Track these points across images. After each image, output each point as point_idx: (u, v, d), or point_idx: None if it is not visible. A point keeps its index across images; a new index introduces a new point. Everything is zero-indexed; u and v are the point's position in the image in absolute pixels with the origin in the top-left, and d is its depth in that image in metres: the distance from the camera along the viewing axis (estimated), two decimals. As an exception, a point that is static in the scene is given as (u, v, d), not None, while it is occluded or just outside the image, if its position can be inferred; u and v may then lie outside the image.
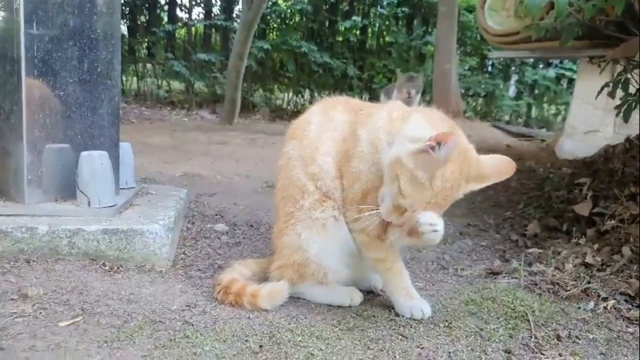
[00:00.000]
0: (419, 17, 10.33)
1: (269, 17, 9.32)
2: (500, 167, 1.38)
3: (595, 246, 2.04)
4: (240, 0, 9.64)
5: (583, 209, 2.35)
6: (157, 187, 2.52)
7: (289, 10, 9.60)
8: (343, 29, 9.73)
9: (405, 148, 1.32)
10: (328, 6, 9.79)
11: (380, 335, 1.40)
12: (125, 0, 8.99)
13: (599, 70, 2.70)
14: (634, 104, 2.28)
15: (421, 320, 1.50)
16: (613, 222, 2.13)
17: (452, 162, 1.29)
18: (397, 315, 1.52)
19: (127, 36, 9.10)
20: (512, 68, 11.11)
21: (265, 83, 9.54)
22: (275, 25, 9.72)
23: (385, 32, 9.93)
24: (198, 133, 6.00)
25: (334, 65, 9.12)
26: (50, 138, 1.95)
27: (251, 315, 1.47)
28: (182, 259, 1.90)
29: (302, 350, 1.29)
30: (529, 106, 10.99)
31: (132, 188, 2.31)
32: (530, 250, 2.19)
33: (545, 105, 10.98)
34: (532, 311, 1.58)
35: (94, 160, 1.94)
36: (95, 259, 1.75)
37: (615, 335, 1.48)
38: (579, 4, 1.96)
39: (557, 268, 1.91)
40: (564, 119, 6.62)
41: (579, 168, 3.09)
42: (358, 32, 9.90)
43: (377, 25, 10.09)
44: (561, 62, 9.87)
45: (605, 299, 1.68)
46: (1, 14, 1.92)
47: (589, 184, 2.56)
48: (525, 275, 1.88)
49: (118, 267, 1.74)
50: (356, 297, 1.59)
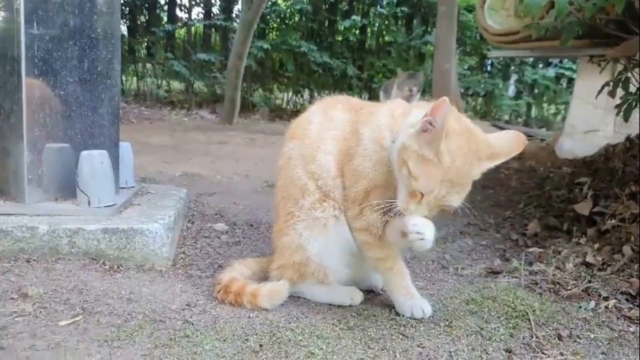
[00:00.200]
0: (419, 16, 10.33)
1: (268, 17, 9.32)
2: (511, 143, 1.37)
3: (596, 245, 2.04)
4: (240, 0, 9.64)
5: (583, 208, 2.35)
6: (156, 187, 2.52)
7: (289, 10, 9.60)
8: (342, 28, 9.73)
9: (407, 134, 1.33)
10: (327, 6, 9.79)
11: (381, 335, 1.40)
12: (125, 0, 8.98)
13: (599, 69, 2.70)
14: (634, 103, 2.28)
15: (422, 319, 1.49)
16: (613, 221, 2.13)
17: (456, 136, 1.28)
18: (398, 314, 1.52)
19: (127, 36, 9.11)
20: (512, 67, 11.12)
21: (264, 83, 9.54)
22: (274, 25, 9.72)
23: (384, 32, 9.92)
24: (198, 133, 6.00)
25: (333, 65, 9.12)
26: (51, 137, 1.95)
27: (251, 314, 1.46)
28: (182, 258, 1.90)
29: (303, 349, 1.29)
30: (529, 106, 11.01)
31: (132, 187, 2.32)
32: (530, 249, 2.19)
33: (545, 105, 10.98)
34: (533, 310, 1.58)
35: (94, 160, 1.94)
36: (95, 258, 1.75)
37: (616, 335, 1.48)
38: (579, 2, 1.96)
39: (557, 267, 1.91)
40: (564, 118, 6.61)
41: (579, 167, 3.09)
42: (357, 31, 9.89)
43: (377, 24, 10.09)
44: (561, 62, 9.88)
45: (606, 298, 1.68)
46: (1, 13, 1.91)
47: (589, 183, 2.56)
48: (525, 275, 1.87)
49: (118, 267, 1.74)
50: (356, 297, 1.59)
